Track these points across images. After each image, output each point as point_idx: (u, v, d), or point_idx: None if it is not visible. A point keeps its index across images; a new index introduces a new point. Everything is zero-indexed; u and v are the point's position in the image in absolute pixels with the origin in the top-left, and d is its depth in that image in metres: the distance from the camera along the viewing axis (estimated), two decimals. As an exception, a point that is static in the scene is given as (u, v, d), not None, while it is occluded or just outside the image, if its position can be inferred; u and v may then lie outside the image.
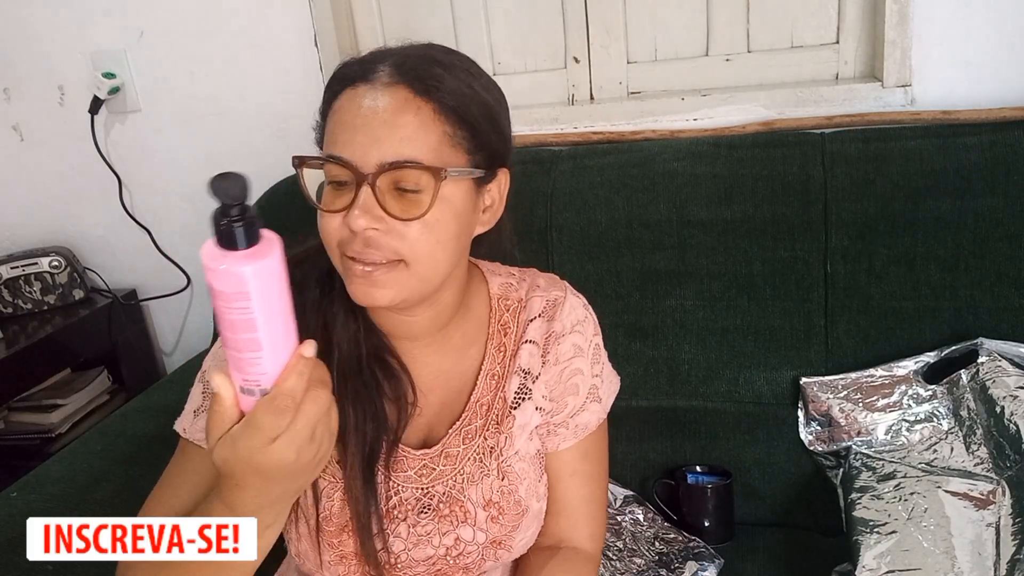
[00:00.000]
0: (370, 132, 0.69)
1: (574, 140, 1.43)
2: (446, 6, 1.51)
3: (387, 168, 0.69)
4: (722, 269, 1.22)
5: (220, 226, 0.50)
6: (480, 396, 0.83)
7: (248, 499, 0.59)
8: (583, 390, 0.86)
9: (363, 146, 0.69)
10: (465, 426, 0.82)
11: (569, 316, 0.86)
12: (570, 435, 0.86)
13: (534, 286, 0.88)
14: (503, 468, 0.81)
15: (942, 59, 1.27)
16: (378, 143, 0.69)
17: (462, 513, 0.80)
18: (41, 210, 1.79)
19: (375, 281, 0.71)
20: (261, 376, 0.54)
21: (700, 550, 1.15)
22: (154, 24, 1.59)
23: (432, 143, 0.70)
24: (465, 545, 0.80)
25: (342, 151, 0.70)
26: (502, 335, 0.85)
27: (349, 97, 0.71)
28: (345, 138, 0.70)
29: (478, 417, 0.82)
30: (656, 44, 1.46)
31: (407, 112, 0.69)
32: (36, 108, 1.71)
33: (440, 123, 0.71)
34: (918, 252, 1.16)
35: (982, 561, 0.94)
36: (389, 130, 0.69)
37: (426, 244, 0.71)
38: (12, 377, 1.53)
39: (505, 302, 0.86)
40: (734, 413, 1.23)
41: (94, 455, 1.16)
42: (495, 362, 0.84)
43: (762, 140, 1.28)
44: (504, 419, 0.82)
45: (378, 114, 0.69)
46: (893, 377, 1.15)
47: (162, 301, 1.79)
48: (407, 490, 0.81)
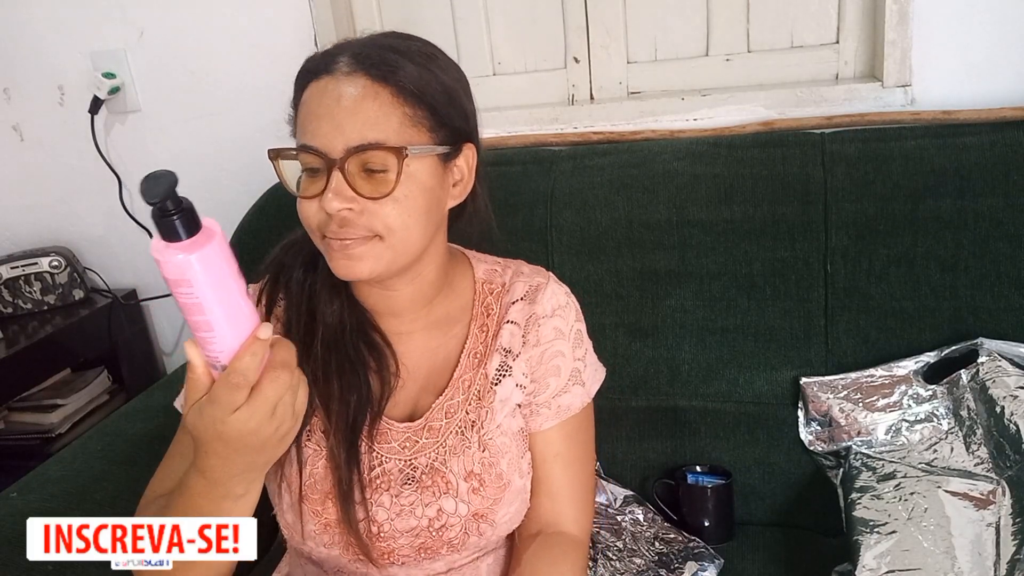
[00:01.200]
0: (334, 120, 0.74)
1: (574, 140, 1.43)
2: (446, 6, 1.51)
3: (353, 152, 0.73)
4: (722, 269, 1.22)
5: (157, 222, 0.56)
6: (463, 373, 0.87)
7: (216, 466, 0.64)
8: (565, 372, 0.89)
9: (329, 134, 0.74)
10: (448, 401, 0.86)
11: (550, 300, 0.90)
12: (553, 415, 0.88)
13: (518, 272, 0.93)
14: (484, 441, 0.84)
15: (942, 59, 1.27)
16: (343, 129, 0.73)
17: (444, 484, 0.83)
18: (41, 210, 1.79)
19: (353, 255, 0.76)
20: (219, 354, 0.60)
21: (700, 550, 1.15)
22: (154, 24, 1.59)
23: (394, 125, 0.75)
24: (448, 517, 0.83)
25: (311, 140, 0.75)
26: (485, 316, 0.89)
27: (314, 89, 0.76)
28: (313, 128, 0.75)
29: (460, 392, 0.86)
30: (656, 44, 1.46)
31: (367, 98, 0.74)
32: (36, 108, 1.71)
33: (399, 105, 0.75)
34: (918, 252, 1.16)
35: (982, 561, 0.94)
36: (352, 116, 0.74)
37: (398, 218, 0.76)
38: (12, 377, 1.53)
39: (489, 286, 0.91)
40: (734, 413, 1.23)
41: (94, 455, 1.16)
42: (478, 341, 0.88)
43: (762, 140, 1.28)
44: (485, 394, 0.86)
45: (340, 102, 0.74)
46: (893, 377, 1.15)
47: (162, 301, 1.79)
48: (391, 461, 0.84)
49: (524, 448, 0.88)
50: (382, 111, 0.74)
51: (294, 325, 0.85)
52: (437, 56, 0.81)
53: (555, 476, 0.89)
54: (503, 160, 1.38)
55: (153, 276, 1.76)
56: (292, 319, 0.85)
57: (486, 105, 1.54)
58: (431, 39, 0.82)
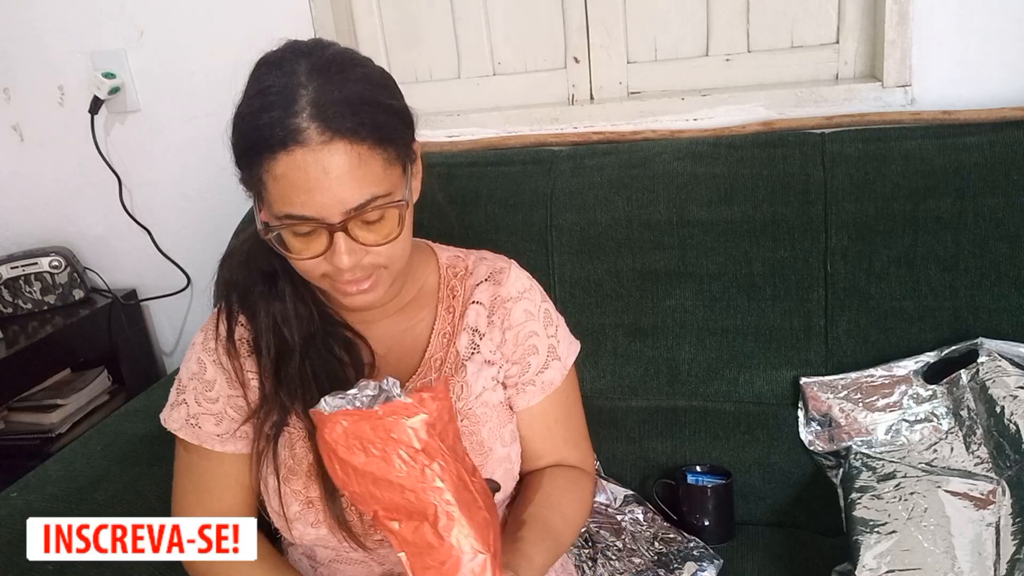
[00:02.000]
0: (328, 192, 0.73)
1: (574, 140, 1.43)
2: (446, 6, 1.51)
3: (353, 215, 0.74)
4: (722, 269, 1.22)
5: None
6: (433, 352, 0.91)
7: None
8: (543, 350, 0.94)
9: (324, 204, 0.73)
10: (421, 379, 0.90)
11: (515, 284, 0.94)
12: (538, 391, 0.94)
13: (481, 258, 0.97)
14: (462, 411, 0.89)
15: (942, 59, 1.27)
16: (339, 198, 0.73)
17: None
18: (41, 210, 1.79)
19: (364, 289, 0.80)
20: None
21: (700, 550, 1.15)
22: (154, 24, 1.59)
23: (379, 175, 0.75)
24: None
25: (304, 211, 0.74)
26: (451, 298, 0.94)
27: (288, 164, 0.72)
28: (303, 200, 0.73)
29: (433, 371, 0.90)
30: (656, 44, 1.46)
31: (352, 163, 0.73)
32: (36, 108, 1.71)
33: (377, 154, 0.75)
34: (918, 252, 1.16)
35: (982, 561, 0.94)
36: (345, 185, 0.73)
37: (401, 251, 0.81)
38: (12, 377, 1.53)
39: (453, 270, 0.95)
40: (734, 413, 1.23)
41: (94, 455, 1.16)
42: (445, 322, 0.92)
43: (762, 140, 1.28)
44: (458, 370, 0.90)
45: (329, 174, 0.72)
46: (893, 377, 1.15)
47: (162, 301, 1.79)
48: None
49: (506, 418, 0.92)
50: (369, 169, 0.74)
51: (263, 344, 0.86)
52: (365, 64, 0.79)
53: (556, 435, 0.97)
54: (503, 160, 1.38)
55: (153, 276, 1.77)
56: (260, 338, 0.87)
57: (486, 105, 1.54)
58: (431, 39, 0.82)
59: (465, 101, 1.55)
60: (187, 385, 0.89)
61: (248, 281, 0.88)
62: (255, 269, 0.88)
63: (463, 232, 1.31)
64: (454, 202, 1.33)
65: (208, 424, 0.88)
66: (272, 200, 0.75)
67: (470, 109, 1.54)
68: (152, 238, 1.71)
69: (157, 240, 1.71)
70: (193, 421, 0.88)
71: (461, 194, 1.33)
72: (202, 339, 0.90)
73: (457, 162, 1.39)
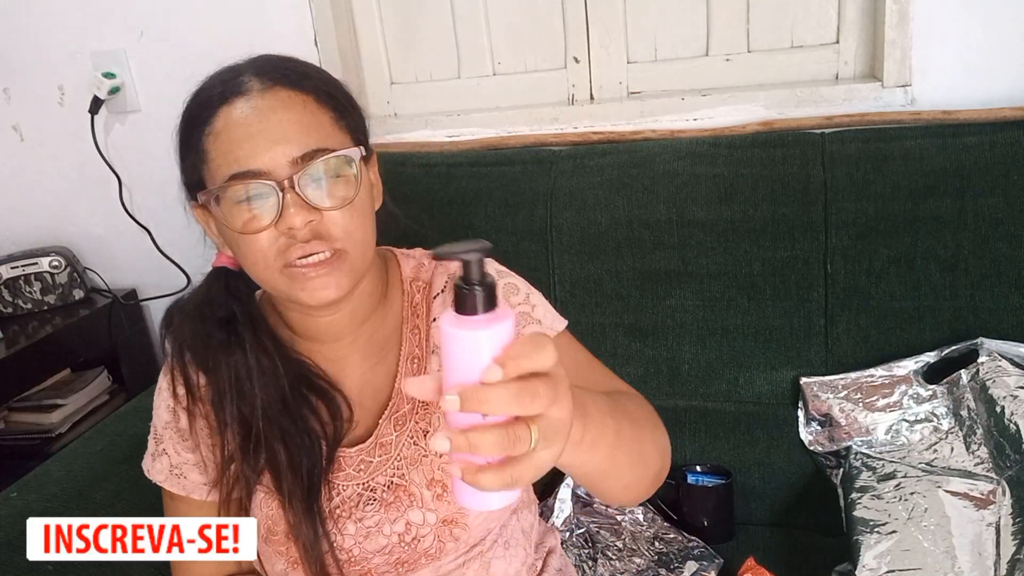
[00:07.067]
0: (269, 135, 0.69)
1: (574, 140, 1.43)
2: (446, 6, 1.51)
3: (300, 162, 0.69)
4: (722, 269, 1.22)
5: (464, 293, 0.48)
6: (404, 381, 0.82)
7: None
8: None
9: (267, 151, 0.69)
10: (394, 413, 0.81)
11: None
12: None
13: (439, 264, 0.86)
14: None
15: (942, 59, 1.27)
16: (281, 142, 0.69)
17: (408, 498, 0.79)
18: (41, 210, 1.79)
19: (325, 281, 0.72)
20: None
21: (700, 550, 1.15)
22: (154, 24, 1.59)
23: (327, 129, 0.72)
24: (417, 528, 0.79)
25: (248, 164, 0.69)
26: (415, 317, 0.84)
27: (228, 114, 0.70)
28: (244, 152, 0.69)
29: (405, 402, 0.81)
30: (656, 44, 1.46)
31: (294, 107, 0.70)
32: (36, 108, 1.70)
33: (324, 110, 0.72)
34: (918, 252, 1.16)
35: (982, 561, 0.94)
36: (286, 127, 0.69)
37: (359, 227, 0.73)
38: (12, 377, 1.53)
39: (416, 283, 0.86)
40: (734, 413, 1.23)
41: (94, 455, 1.16)
42: (412, 344, 0.83)
43: (762, 140, 1.28)
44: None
45: (270, 117, 0.69)
46: (893, 377, 1.15)
47: (162, 301, 1.79)
48: (348, 488, 0.80)
49: None
50: (314, 117, 0.71)
51: (226, 401, 0.79)
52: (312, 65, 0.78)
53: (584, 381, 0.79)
54: (503, 160, 1.38)
55: (153, 276, 1.76)
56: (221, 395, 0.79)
57: (486, 105, 1.54)
58: (431, 39, 0.81)
59: (465, 101, 1.55)
60: (163, 434, 0.84)
61: (204, 332, 0.79)
62: (210, 318, 0.80)
63: (463, 232, 1.31)
64: (454, 202, 1.34)
65: (193, 474, 0.83)
66: (215, 166, 0.71)
67: (470, 109, 1.54)
68: (152, 238, 1.71)
69: (157, 240, 1.71)
70: (177, 471, 0.84)
71: (461, 194, 1.33)
72: (167, 385, 0.83)
73: (457, 162, 1.39)
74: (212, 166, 0.72)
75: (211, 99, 0.72)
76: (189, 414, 0.82)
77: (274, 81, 0.71)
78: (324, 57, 1.52)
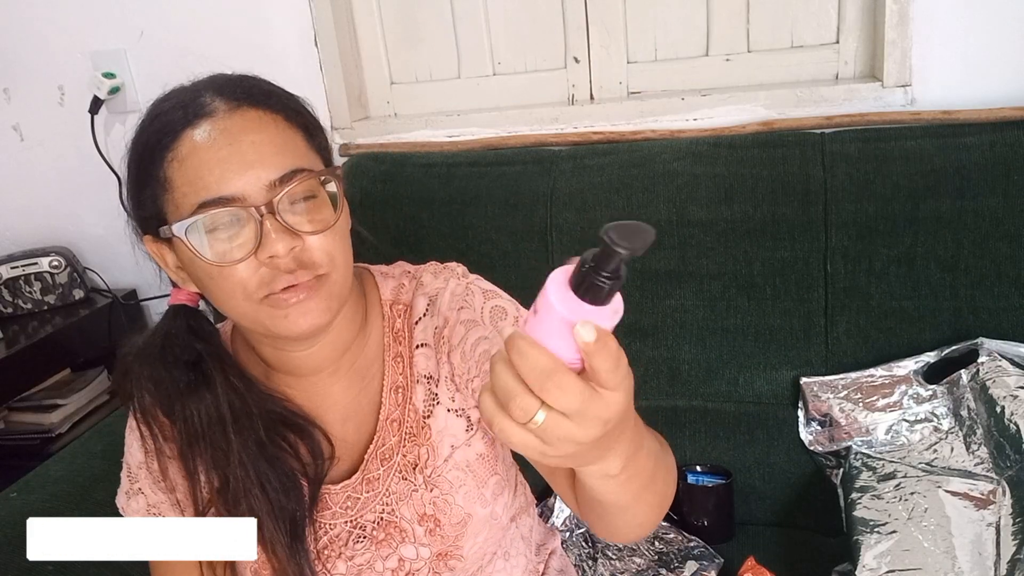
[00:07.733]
0: (242, 158, 0.65)
1: (574, 140, 1.43)
2: (446, 6, 1.51)
3: (277, 185, 0.65)
4: (722, 269, 1.22)
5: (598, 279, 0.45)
6: (389, 413, 0.77)
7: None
8: (486, 317, 0.74)
9: (241, 175, 0.64)
10: (380, 447, 0.77)
11: (449, 303, 0.76)
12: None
13: (420, 285, 0.80)
14: (431, 480, 0.76)
15: (942, 59, 1.27)
16: (256, 166, 0.65)
17: (399, 534, 0.77)
18: (41, 210, 1.79)
19: (308, 308, 0.68)
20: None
21: (700, 550, 1.15)
22: (154, 24, 1.59)
23: (301, 150, 0.69)
24: (410, 564, 0.77)
25: (220, 191, 0.64)
26: (397, 344, 0.78)
27: (193, 138, 0.66)
28: (215, 177, 0.65)
29: (391, 435, 0.77)
30: (656, 44, 1.46)
31: (265, 127, 0.67)
32: (36, 108, 1.70)
33: (293, 130, 0.69)
34: (918, 252, 1.16)
35: (982, 561, 0.94)
36: (260, 148, 0.65)
37: (340, 250, 0.69)
38: (12, 377, 1.53)
39: (397, 307, 0.80)
40: (734, 413, 1.23)
41: (94, 455, 1.16)
42: (396, 373, 0.78)
43: (762, 140, 1.28)
44: (420, 431, 0.76)
45: (241, 138, 0.65)
46: (893, 377, 1.15)
47: (162, 301, 1.77)
48: (336, 527, 0.78)
49: (487, 475, 0.77)
50: (287, 137, 0.67)
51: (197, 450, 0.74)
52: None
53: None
54: (503, 160, 1.38)
55: (153, 276, 1.76)
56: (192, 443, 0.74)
57: (486, 105, 1.54)
58: (431, 39, 0.80)
59: (465, 101, 1.55)
60: (137, 474, 0.81)
61: (168, 377, 0.74)
62: (173, 362, 0.74)
63: (463, 232, 1.31)
64: (454, 202, 1.34)
65: (171, 514, 0.80)
66: (180, 195, 0.66)
67: (470, 109, 1.54)
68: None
69: (157, 240, 1.71)
70: (155, 511, 0.80)
71: (461, 194, 1.33)
72: (136, 424, 0.78)
73: (457, 162, 1.39)
74: (177, 195, 0.67)
75: (172, 123, 0.67)
76: (162, 459, 0.78)
77: (240, 101, 0.68)
78: (324, 57, 1.52)
